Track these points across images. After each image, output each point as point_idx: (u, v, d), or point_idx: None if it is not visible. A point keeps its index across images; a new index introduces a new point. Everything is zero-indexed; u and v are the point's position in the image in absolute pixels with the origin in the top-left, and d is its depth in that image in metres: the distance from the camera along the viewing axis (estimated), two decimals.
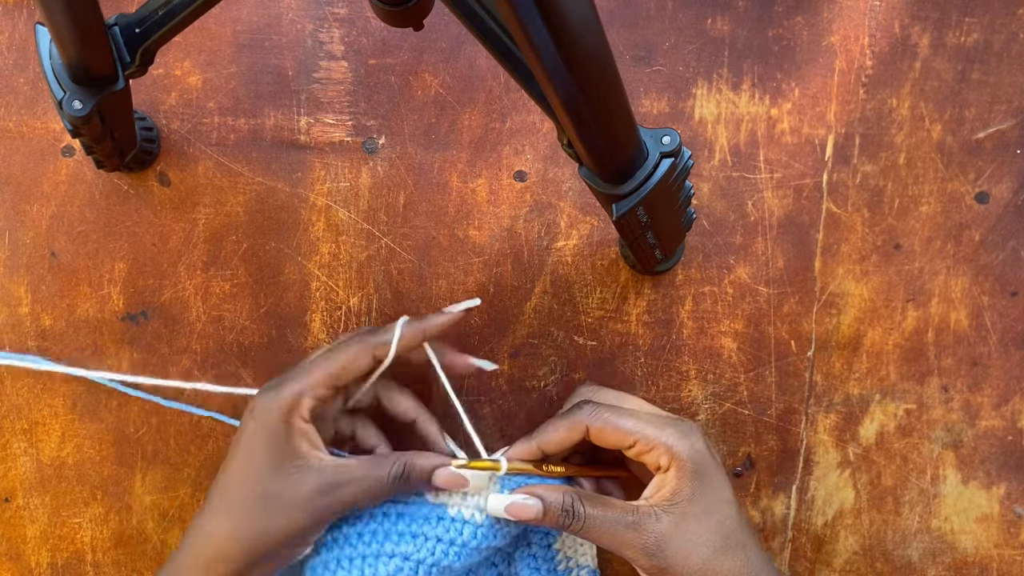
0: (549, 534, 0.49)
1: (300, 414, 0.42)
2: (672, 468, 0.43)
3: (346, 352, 0.44)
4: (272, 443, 0.42)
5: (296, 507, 0.41)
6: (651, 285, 0.53)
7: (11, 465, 0.54)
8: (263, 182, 0.53)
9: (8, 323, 0.53)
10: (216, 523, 0.42)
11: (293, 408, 0.42)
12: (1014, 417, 0.53)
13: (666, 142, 0.39)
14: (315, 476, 0.42)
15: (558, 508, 0.42)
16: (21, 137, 0.53)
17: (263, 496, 0.42)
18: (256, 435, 0.42)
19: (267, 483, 0.42)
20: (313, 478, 0.42)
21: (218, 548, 0.42)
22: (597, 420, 0.44)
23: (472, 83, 0.53)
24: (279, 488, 0.42)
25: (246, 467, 0.42)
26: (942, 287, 0.52)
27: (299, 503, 0.41)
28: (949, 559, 0.53)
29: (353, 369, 0.44)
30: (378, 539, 0.43)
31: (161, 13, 0.42)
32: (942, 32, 0.52)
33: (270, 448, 0.42)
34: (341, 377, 0.44)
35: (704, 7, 0.52)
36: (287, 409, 0.42)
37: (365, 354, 0.44)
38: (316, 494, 0.42)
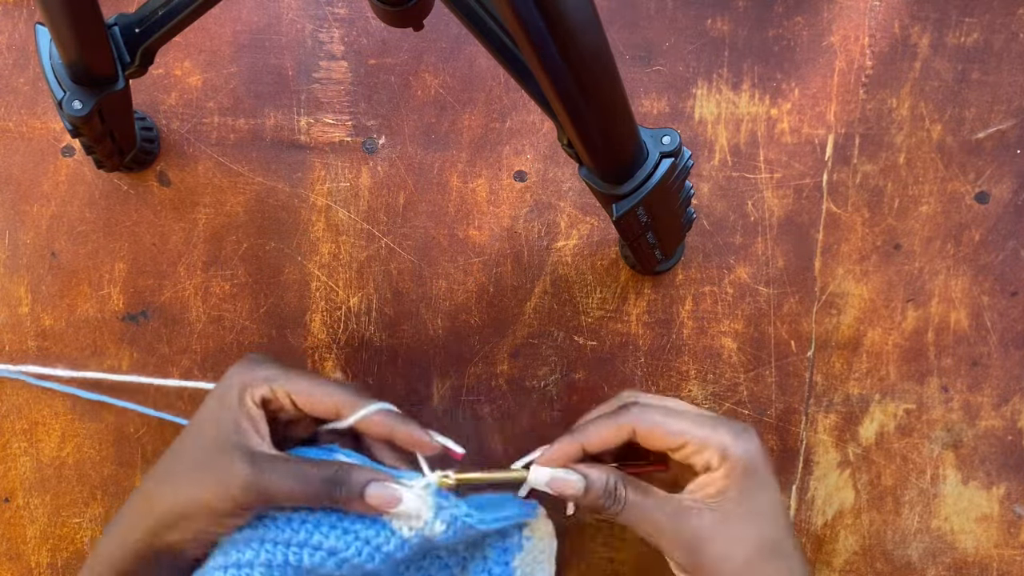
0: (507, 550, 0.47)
1: (252, 396, 0.42)
2: (723, 468, 0.41)
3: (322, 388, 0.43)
4: (220, 411, 0.42)
5: (214, 479, 0.41)
6: (651, 285, 0.53)
7: (11, 465, 0.54)
8: (263, 182, 0.53)
9: (8, 323, 0.53)
10: (149, 479, 0.43)
11: (251, 387, 0.42)
12: (1014, 417, 0.53)
13: (666, 142, 0.39)
14: (241, 454, 0.41)
15: (601, 488, 0.42)
16: (21, 137, 0.53)
17: (193, 460, 0.42)
18: (213, 399, 0.43)
19: (201, 449, 0.42)
20: (239, 455, 0.41)
21: (141, 503, 0.42)
22: (646, 423, 0.43)
23: (472, 83, 0.53)
24: (207, 457, 0.41)
25: (194, 432, 0.43)
26: (942, 287, 0.52)
27: (218, 476, 0.41)
28: (949, 559, 0.53)
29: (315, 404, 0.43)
30: (307, 528, 0.42)
31: (161, 13, 0.42)
32: (942, 32, 0.52)
33: (217, 416, 0.42)
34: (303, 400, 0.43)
35: (704, 7, 0.52)
36: (246, 386, 0.43)
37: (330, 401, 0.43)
38: (237, 471, 0.40)
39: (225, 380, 0.43)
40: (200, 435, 0.42)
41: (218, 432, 0.42)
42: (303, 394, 0.43)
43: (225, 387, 0.43)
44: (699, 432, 0.42)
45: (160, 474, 0.43)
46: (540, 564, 0.48)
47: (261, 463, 0.41)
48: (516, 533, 0.47)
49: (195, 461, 0.42)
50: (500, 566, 0.46)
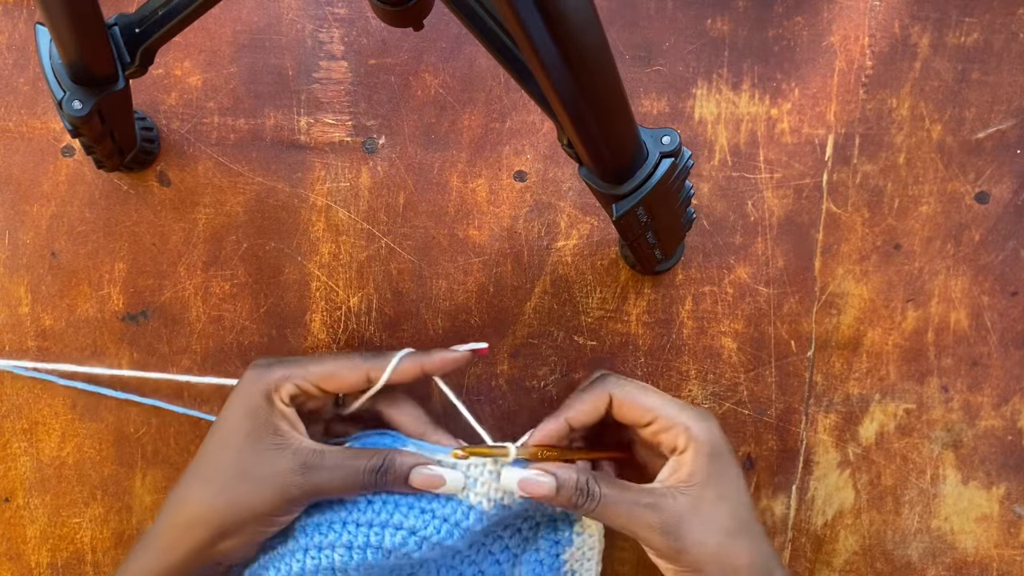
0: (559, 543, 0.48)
1: (281, 396, 0.43)
2: (689, 449, 0.43)
3: (341, 361, 0.44)
4: (252, 419, 0.42)
5: (268, 484, 0.41)
6: (651, 285, 0.53)
7: (11, 465, 0.54)
8: (263, 182, 0.53)
9: (8, 323, 0.53)
10: (191, 491, 0.43)
11: (276, 388, 0.43)
12: (1014, 417, 0.53)
13: (666, 142, 0.39)
14: (290, 456, 0.42)
15: (572, 487, 0.42)
16: (21, 137, 0.53)
17: (238, 469, 0.42)
18: (238, 409, 0.43)
19: (243, 457, 0.42)
20: (288, 457, 0.42)
21: (190, 515, 0.42)
22: (621, 391, 0.44)
23: (472, 83, 0.53)
24: (254, 463, 0.42)
25: (225, 439, 0.43)
26: (942, 287, 0.52)
27: (272, 480, 0.41)
28: (949, 559, 0.53)
29: (343, 379, 0.44)
30: (388, 508, 0.43)
31: (161, 13, 0.42)
32: (942, 32, 0.52)
33: (250, 423, 0.42)
34: (329, 381, 0.44)
35: (704, 7, 0.52)
36: (271, 388, 0.43)
37: (358, 370, 0.44)
38: (289, 473, 0.42)
39: (243, 388, 0.43)
40: (235, 444, 0.42)
41: (256, 438, 0.42)
42: (327, 377, 0.44)
43: (246, 394, 0.43)
44: (668, 410, 0.44)
45: (195, 489, 0.43)
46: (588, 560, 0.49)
47: (310, 461, 0.42)
48: (567, 528, 0.48)
49: (236, 470, 0.42)
50: (551, 558, 0.48)
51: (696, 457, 0.43)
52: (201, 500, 0.42)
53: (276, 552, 0.44)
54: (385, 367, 0.44)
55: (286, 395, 0.43)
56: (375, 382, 0.44)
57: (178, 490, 0.43)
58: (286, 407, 0.43)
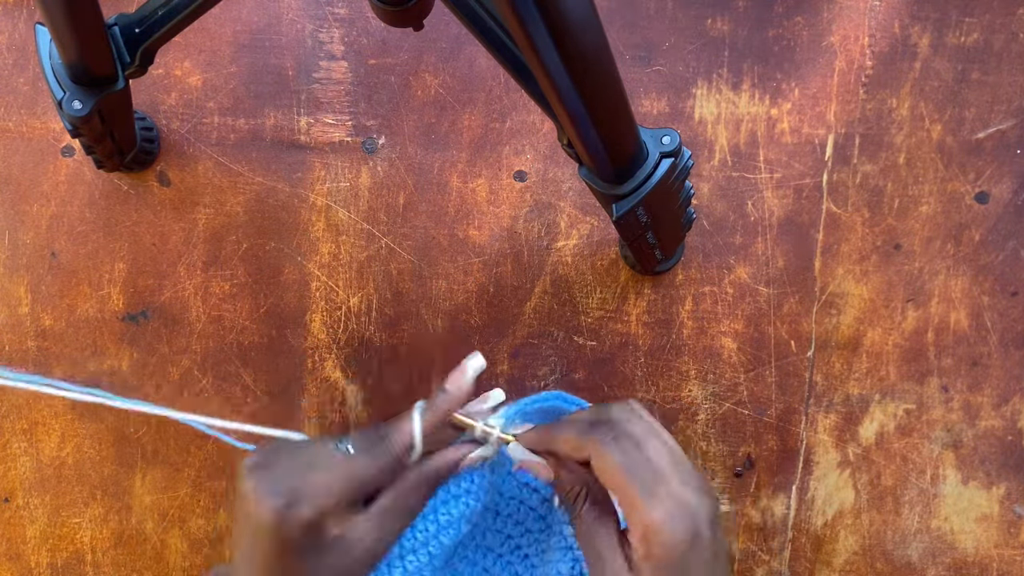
0: None
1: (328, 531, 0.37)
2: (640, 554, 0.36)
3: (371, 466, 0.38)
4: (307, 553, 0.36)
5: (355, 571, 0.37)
6: (651, 285, 0.53)
7: (11, 465, 0.54)
8: (263, 182, 0.53)
9: (8, 323, 0.53)
10: None
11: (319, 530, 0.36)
12: (1014, 417, 0.53)
13: (666, 142, 0.39)
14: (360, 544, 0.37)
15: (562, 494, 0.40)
16: (21, 137, 0.53)
17: None
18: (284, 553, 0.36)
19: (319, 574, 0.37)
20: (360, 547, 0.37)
21: None
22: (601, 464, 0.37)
23: (472, 83, 0.53)
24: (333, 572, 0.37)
25: None
26: (942, 287, 0.52)
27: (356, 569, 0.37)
28: (949, 559, 0.53)
29: (374, 479, 0.38)
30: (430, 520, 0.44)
31: (161, 13, 0.42)
32: (942, 32, 0.52)
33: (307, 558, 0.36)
34: (360, 490, 0.38)
35: (704, 7, 0.52)
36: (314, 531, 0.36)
37: (388, 462, 0.39)
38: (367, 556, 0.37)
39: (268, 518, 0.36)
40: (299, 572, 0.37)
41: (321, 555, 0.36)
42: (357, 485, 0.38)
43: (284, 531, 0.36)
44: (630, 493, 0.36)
45: None
46: None
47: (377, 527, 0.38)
48: None
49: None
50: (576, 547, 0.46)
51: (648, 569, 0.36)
52: None
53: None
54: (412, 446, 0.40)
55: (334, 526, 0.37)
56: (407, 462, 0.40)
57: None
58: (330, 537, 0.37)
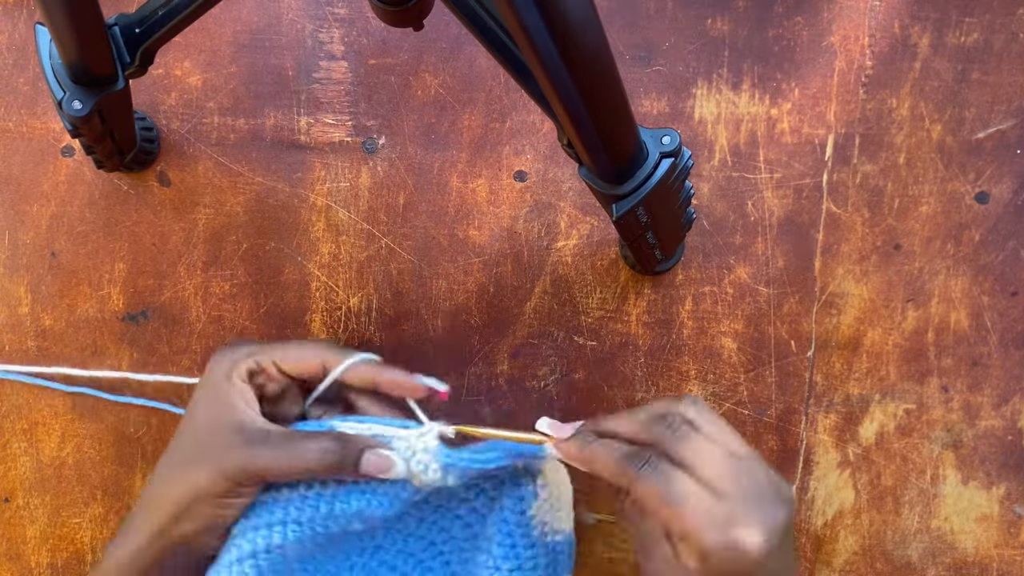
0: (523, 499, 0.46)
1: (239, 373, 0.43)
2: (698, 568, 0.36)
3: (304, 346, 0.44)
4: (211, 395, 0.43)
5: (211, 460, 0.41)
6: (651, 285, 0.53)
7: (11, 465, 0.54)
8: (263, 182, 0.53)
9: (8, 323, 0.53)
10: (157, 471, 0.43)
11: (235, 365, 0.43)
12: (1014, 417, 0.53)
13: (666, 142, 0.39)
14: (235, 430, 0.41)
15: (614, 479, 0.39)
16: (21, 137, 0.53)
17: (189, 447, 0.42)
18: (201, 387, 0.43)
19: (198, 435, 0.42)
20: (233, 432, 0.41)
21: (152, 495, 0.42)
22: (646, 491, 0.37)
23: (472, 83, 0.53)
24: (204, 440, 0.42)
25: (188, 417, 0.43)
26: (942, 287, 0.52)
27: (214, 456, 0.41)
28: (949, 559, 0.53)
29: (299, 363, 0.44)
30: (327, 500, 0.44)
31: (161, 13, 0.42)
32: (942, 32, 0.52)
33: (210, 403, 0.43)
34: (286, 363, 0.44)
35: (704, 7, 0.52)
36: (231, 366, 0.43)
37: (315, 357, 0.44)
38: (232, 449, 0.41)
39: (209, 367, 0.44)
40: (194, 423, 0.43)
41: (210, 416, 0.42)
42: (288, 358, 0.44)
43: (210, 373, 0.43)
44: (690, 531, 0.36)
45: (161, 469, 0.43)
46: (558, 512, 0.47)
47: (254, 439, 0.41)
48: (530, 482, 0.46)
49: (191, 449, 0.42)
50: (516, 515, 0.46)
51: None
52: (161, 478, 0.43)
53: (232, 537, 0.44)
54: (341, 361, 0.44)
55: (244, 371, 0.43)
56: (327, 372, 0.44)
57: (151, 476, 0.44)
58: (241, 383, 0.43)
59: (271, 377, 0.44)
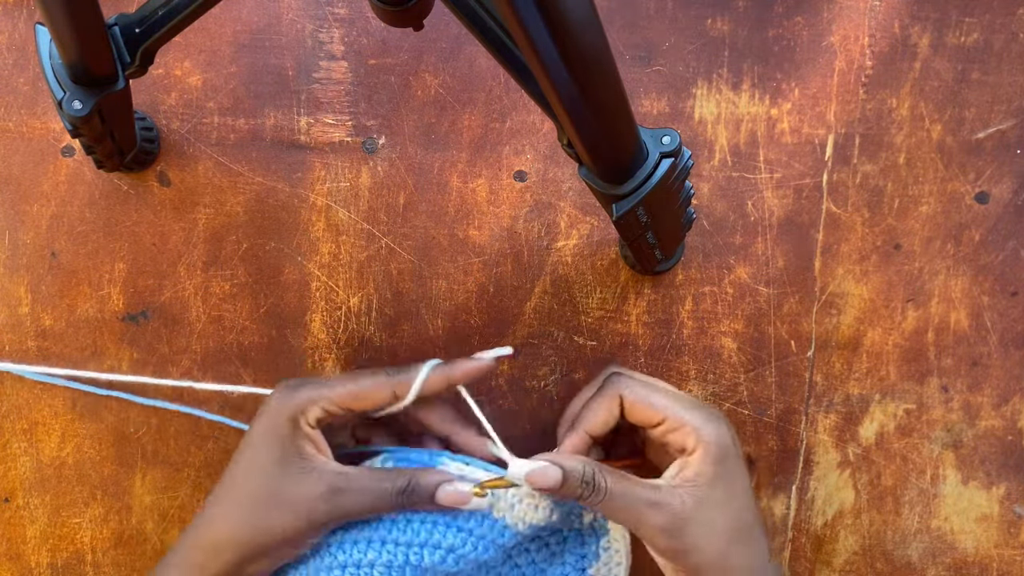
0: (585, 557, 0.48)
1: (307, 419, 0.43)
2: (698, 451, 0.43)
3: (366, 380, 0.44)
4: (279, 443, 0.42)
5: (296, 508, 0.42)
6: (651, 285, 0.53)
7: (11, 465, 0.54)
8: (263, 182, 0.53)
9: (8, 323, 0.53)
10: (219, 513, 0.43)
11: (303, 412, 0.43)
12: (1014, 417, 0.53)
13: (666, 142, 0.39)
14: (316, 479, 0.42)
15: (578, 478, 0.42)
16: (21, 137, 0.53)
17: (266, 493, 0.42)
18: (264, 434, 0.43)
19: (270, 481, 0.42)
20: (315, 481, 0.42)
21: (216, 539, 0.42)
22: (631, 393, 0.45)
23: (472, 83, 0.53)
24: (281, 487, 0.42)
25: (252, 463, 0.43)
26: (942, 287, 0.52)
27: (300, 504, 0.42)
28: (949, 559, 0.53)
29: (370, 398, 0.44)
30: (426, 528, 0.44)
31: (161, 13, 0.42)
32: (942, 32, 0.52)
33: (277, 448, 0.42)
34: (357, 401, 0.44)
35: (704, 7, 0.52)
36: (297, 412, 0.43)
37: (386, 388, 0.44)
38: (316, 498, 0.42)
39: (270, 411, 0.43)
40: (262, 468, 0.42)
41: (283, 463, 0.42)
42: (355, 399, 0.44)
43: (273, 418, 0.43)
44: (678, 411, 0.44)
45: (228, 509, 0.43)
46: (618, 564, 0.48)
47: (336, 484, 0.42)
48: (594, 542, 0.47)
49: (267, 494, 0.42)
50: (577, 572, 0.47)
51: (703, 459, 0.43)
52: (230, 523, 0.42)
53: (311, 566, 0.44)
54: (411, 381, 0.44)
55: (312, 418, 0.43)
56: (402, 398, 0.44)
57: (206, 512, 0.43)
58: (312, 430, 0.43)
59: (340, 419, 0.44)
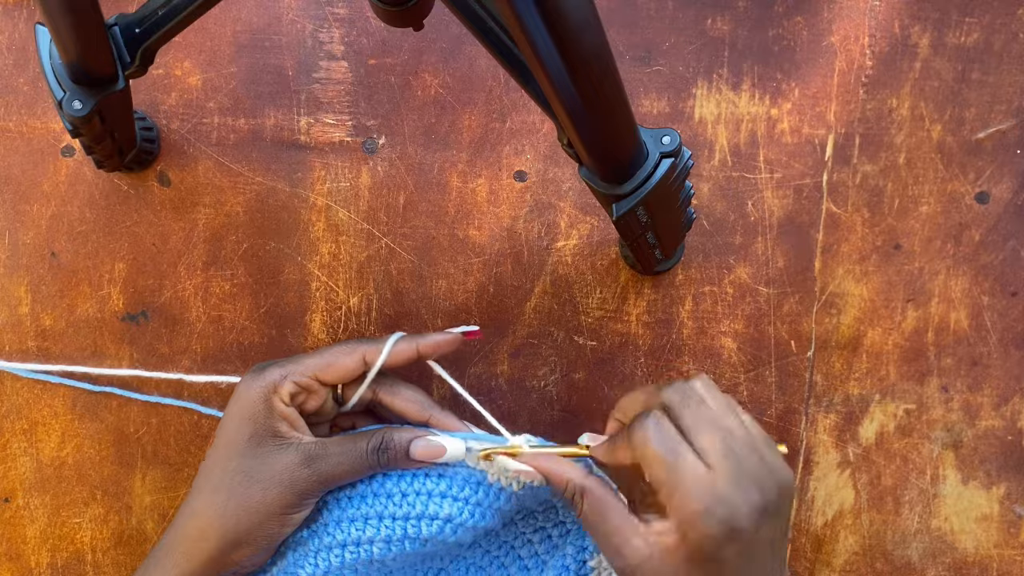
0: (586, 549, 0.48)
1: (280, 397, 0.43)
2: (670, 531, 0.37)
3: (335, 350, 0.45)
4: (252, 423, 0.43)
5: (275, 481, 0.42)
6: (651, 285, 0.53)
7: (11, 465, 0.54)
8: (263, 182, 0.53)
9: (8, 323, 0.53)
10: (199, 502, 0.43)
11: (273, 390, 0.43)
12: (1014, 417, 0.53)
13: (666, 142, 0.39)
14: (293, 452, 0.42)
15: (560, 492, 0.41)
16: (21, 137, 0.53)
17: (243, 473, 0.42)
18: (237, 416, 0.43)
19: (247, 460, 0.42)
20: (291, 454, 0.42)
21: (201, 526, 0.42)
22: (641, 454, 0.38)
23: (472, 83, 0.53)
24: (258, 464, 0.42)
25: (228, 447, 0.43)
26: (942, 287, 0.52)
27: (278, 477, 0.42)
28: (949, 559, 0.53)
29: (339, 367, 0.44)
30: (422, 501, 0.44)
31: (161, 13, 0.42)
32: (942, 32, 0.52)
33: (250, 428, 0.43)
34: (326, 372, 0.44)
35: (704, 7, 0.52)
36: (268, 391, 0.43)
37: (353, 354, 0.44)
38: (294, 467, 0.42)
39: (240, 394, 0.44)
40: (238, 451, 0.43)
41: (258, 442, 0.43)
42: (324, 366, 0.44)
43: (244, 400, 0.43)
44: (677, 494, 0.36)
45: (208, 496, 0.43)
46: None
47: (313, 452, 0.43)
48: None
49: (245, 474, 0.42)
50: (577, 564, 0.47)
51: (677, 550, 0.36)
52: (212, 509, 0.42)
53: (308, 548, 0.45)
54: (379, 349, 0.44)
55: (286, 395, 0.43)
56: (371, 364, 0.45)
57: (187, 503, 0.43)
58: (286, 407, 0.43)
59: (313, 392, 0.44)
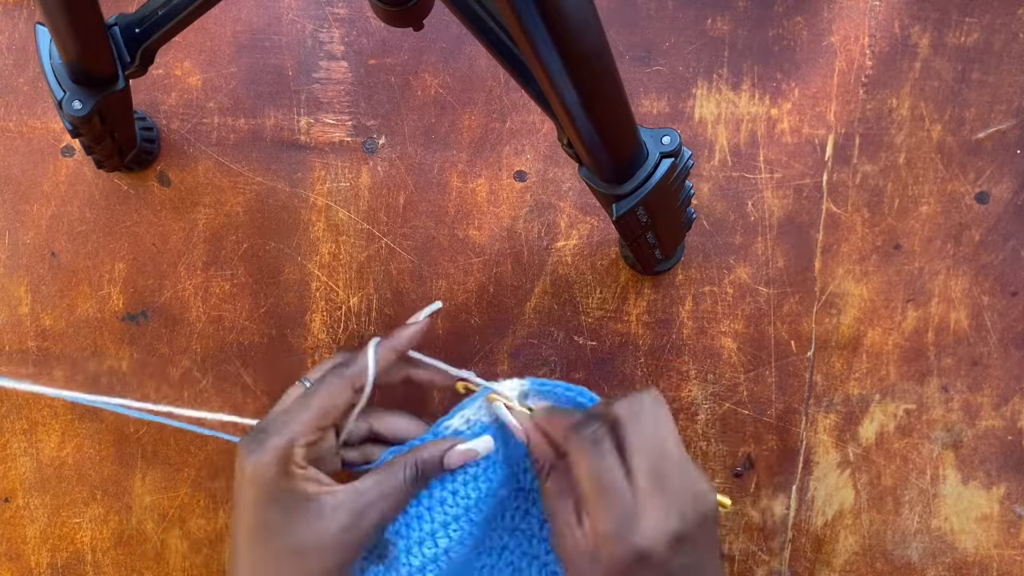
0: None
1: (296, 464, 0.41)
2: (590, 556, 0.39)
3: (324, 393, 0.43)
4: (280, 500, 0.41)
5: (326, 548, 0.40)
6: (651, 285, 0.53)
7: (11, 465, 0.54)
8: (263, 182, 0.53)
9: (8, 323, 0.53)
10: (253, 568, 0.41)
11: (286, 461, 0.41)
12: (1014, 417, 0.53)
13: (666, 142, 0.39)
14: (334, 514, 0.41)
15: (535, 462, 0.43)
16: (21, 137, 0.53)
17: (291, 551, 0.40)
18: (260, 499, 0.41)
19: (291, 537, 0.40)
20: (334, 517, 0.41)
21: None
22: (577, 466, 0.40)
23: (472, 83, 0.53)
24: (304, 538, 0.40)
25: (264, 531, 0.41)
26: (942, 287, 0.52)
27: (328, 544, 0.40)
28: (949, 559, 0.53)
29: (335, 410, 0.43)
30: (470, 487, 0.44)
31: (161, 13, 0.42)
32: (942, 32, 0.52)
33: (280, 506, 0.41)
34: (324, 419, 0.42)
35: (704, 7, 0.52)
36: (282, 462, 0.41)
37: (344, 389, 0.43)
38: (345, 530, 0.41)
39: (252, 476, 0.41)
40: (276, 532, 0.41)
41: (294, 519, 0.41)
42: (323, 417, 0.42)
43: (259, 481, 0.41)
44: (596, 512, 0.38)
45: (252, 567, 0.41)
46: None
47: (356, 507, 0.41)
48: None
49: (295, 553, 0.40)
50: None
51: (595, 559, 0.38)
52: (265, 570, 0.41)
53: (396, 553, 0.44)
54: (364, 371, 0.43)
55: (301, 459, 0.41)
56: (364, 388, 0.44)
57: None
58: (304, 471, 0.41)
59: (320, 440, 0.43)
